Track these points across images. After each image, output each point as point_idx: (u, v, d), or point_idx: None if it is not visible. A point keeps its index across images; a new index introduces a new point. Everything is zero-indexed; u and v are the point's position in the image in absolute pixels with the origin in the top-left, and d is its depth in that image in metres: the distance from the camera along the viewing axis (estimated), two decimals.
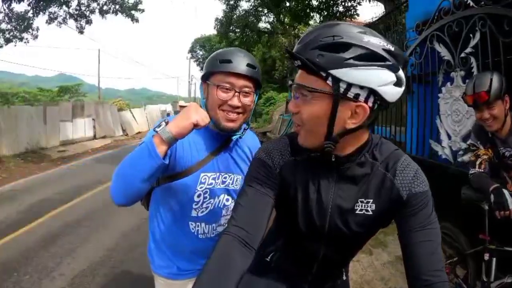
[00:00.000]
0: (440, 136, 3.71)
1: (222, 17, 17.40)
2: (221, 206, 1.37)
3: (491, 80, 1.90)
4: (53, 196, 6.41)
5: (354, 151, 0.90)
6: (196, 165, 1.28)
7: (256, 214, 0.92)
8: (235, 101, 1.22)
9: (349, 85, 0.77)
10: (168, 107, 28.68)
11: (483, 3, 2.89)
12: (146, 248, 1.46)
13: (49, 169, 9.66)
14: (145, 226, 3.46)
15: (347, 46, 0.76)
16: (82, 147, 14.71)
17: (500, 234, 2.02)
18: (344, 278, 1.18)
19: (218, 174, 1.32)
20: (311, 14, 14.05)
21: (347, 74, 0.76)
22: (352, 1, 12.73)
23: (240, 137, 1.35)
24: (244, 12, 17.23)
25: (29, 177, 8.43)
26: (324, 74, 0.77)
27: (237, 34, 18.67)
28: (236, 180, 1.38)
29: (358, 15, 13.00)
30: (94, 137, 17.39)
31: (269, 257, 1.15)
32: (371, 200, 0.91)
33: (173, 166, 1.24)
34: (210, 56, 1.28)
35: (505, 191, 1.84)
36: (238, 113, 1.25)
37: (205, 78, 1.27)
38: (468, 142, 3.20)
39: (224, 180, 1.35)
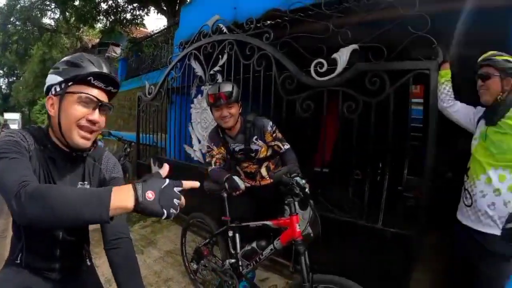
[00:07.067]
0: (192, 141, 4.33)
1: (4, 5, 14.21)
2: None
3: (219, 87, 2.41)
4: None
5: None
6: None
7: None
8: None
9: None
10: None
11: (235, 32, 3.54)
12: None
13: None
14: None
15: None
16: None
17: (236, 214, 2.53)
18: (89, 263, 1.42)
19: None
20: (99, 17, 13.36)
21: None
22: (140, 11, 12.95)
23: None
24: (29, 3, 14.54)
25: None
26: None
27: (18, 28, 15.59)
28: None
29: (144, 24, 13.33)
30: None
31: (18, 259, 1.24)
32: (87, 182, 1.28)
33: None
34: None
35: (235, 177, 2.31)
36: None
37: None
38: (199, 145, 3.85)
39: None
